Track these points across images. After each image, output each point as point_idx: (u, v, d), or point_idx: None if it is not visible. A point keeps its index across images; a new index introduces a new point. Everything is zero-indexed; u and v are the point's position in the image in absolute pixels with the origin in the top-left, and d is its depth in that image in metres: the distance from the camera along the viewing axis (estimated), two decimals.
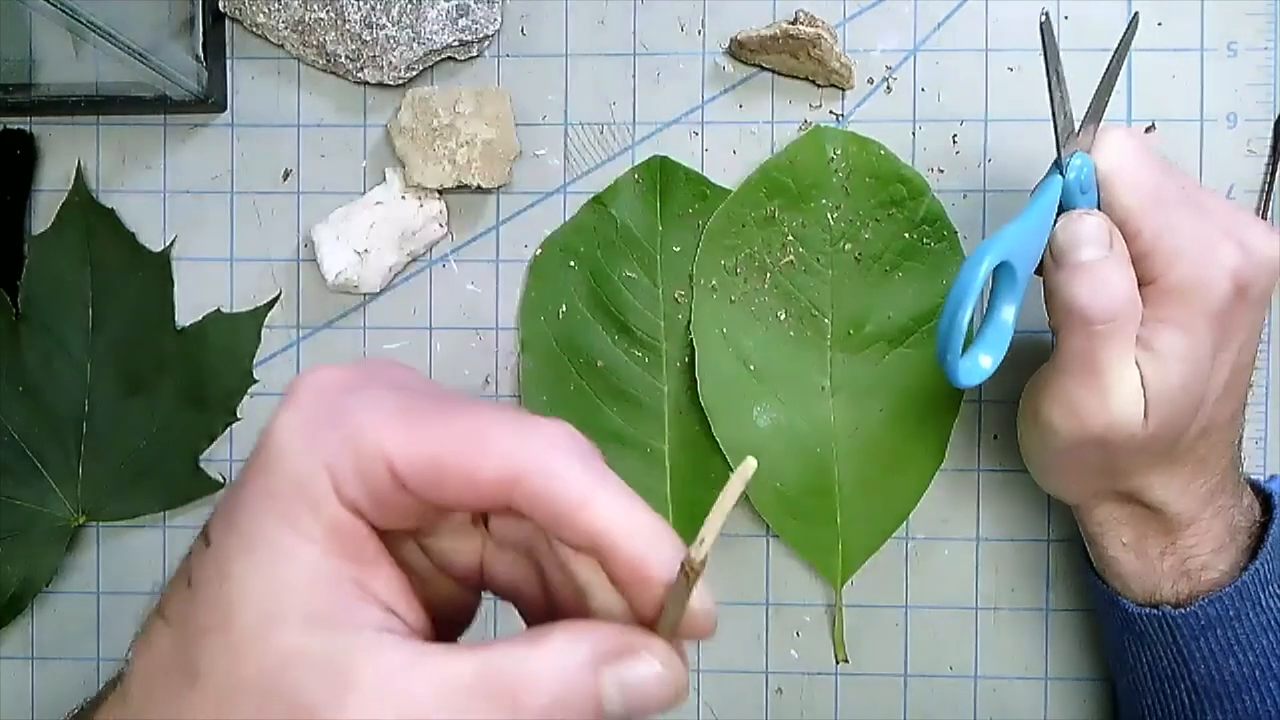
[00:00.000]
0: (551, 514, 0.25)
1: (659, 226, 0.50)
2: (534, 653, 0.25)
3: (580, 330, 0.50)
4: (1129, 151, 0.39)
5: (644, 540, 0.25)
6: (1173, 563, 0.42)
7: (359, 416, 0.26)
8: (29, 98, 0.51)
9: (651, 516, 0.26)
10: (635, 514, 0.26)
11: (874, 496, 0.49)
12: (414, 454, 0.25)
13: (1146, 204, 0.38)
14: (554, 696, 0.24)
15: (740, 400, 0.49)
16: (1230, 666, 0.41)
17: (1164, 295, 0.38)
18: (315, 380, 0.27)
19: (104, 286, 0.51)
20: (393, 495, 0.26)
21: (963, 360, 0.38)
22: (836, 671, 0.51)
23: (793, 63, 0.50)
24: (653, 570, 0.25)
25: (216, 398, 0.51)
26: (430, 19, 0.49)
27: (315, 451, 0.25)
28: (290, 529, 0.25)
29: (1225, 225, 0.39)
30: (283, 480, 0.25)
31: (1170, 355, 0.38)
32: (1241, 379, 0.41)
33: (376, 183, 0.51)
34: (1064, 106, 0.39)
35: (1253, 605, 0.41)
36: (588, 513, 0.25)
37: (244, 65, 0.52)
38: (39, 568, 0.51)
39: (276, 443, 0.26)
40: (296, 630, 0.24)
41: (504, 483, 0.25)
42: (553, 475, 0.25)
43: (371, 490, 0.26)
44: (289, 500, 0.25)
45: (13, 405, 0.51)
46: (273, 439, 0.26)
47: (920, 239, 0.49)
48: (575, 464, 0.26)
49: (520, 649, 0.25)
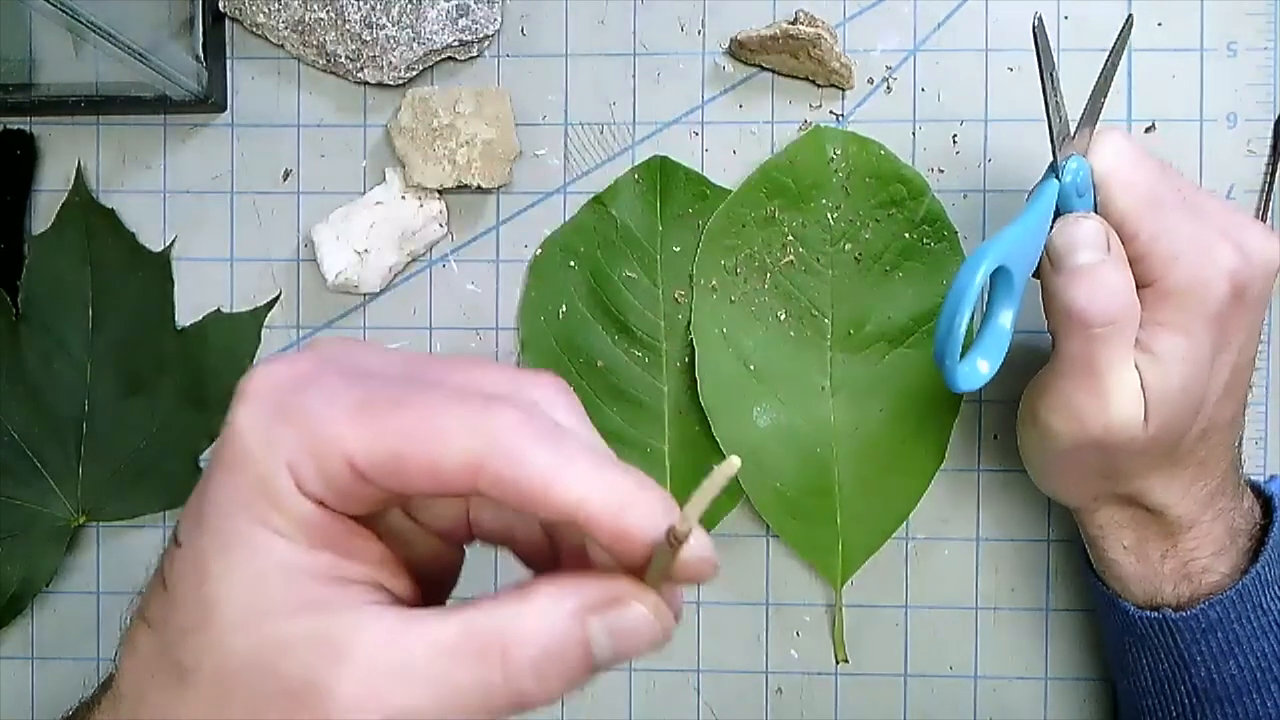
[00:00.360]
0: (519, 498, 0.25)
1: (659, 226, 0.50)
2: (521, 609, 0.25)
3: (580, 330, 0.50)
4: (1125, 154, 0.39)
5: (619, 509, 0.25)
6: (1174, 565, 0.42)
7: (314, 414, 0.26)
8: (29, 98, 0.51)
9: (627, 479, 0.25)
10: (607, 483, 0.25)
11: (874, 496, 0.49)
12: (373, 449, 0.25)
13: (1143, 206, 0.38)
14: (543, 649, 0.25)
15: (740, 400, 0.49)
16: (1231, 669, 0.41)
17: (1162, 298, 0.38)
18: (268, 375, 0.27)
19: (104, 286, 0.51)
20: (356, 488, 0.26)
21: (961, 365, 0.38)
22: (836, 671, 0.51)
23: (793, 63, 0.50)
24: (634, 536, 0.25)
25: (216, 398, 0.51)
26: (430, 19, 0.49)
27: (275, 449, 0.25)
28: (261, 526, 0.25)
29: (1222, 227, 0.39)
30: (247, 478, 0.26)
31: (1170, 357, 0.38)
32: (1241, 380, 0.41)
33: (376, 183, 0.51)
34: (1059, 109, 0.39)
35: (1253, 608, 0.41)
36: (557, 491, 0.25)
37: (244, 65, 0.52)
38: (39, 568, 0.51)
39: (238, 440, 0.26)
40: (283, 619, 0.25)
41: (467, 471, 0.25)
42: (515, 461, 0.25)
43: (334, 486, 0.26)
44: (256, 498, 0.26)
45: (13, 405, 0.51)
46: (233, 436, 0.26)
47: (920, 239, 0.49)
48: (539, 444, 0.25)
49: (507, 605, 0.25)
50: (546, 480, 0.25)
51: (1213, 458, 0.41)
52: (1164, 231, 0.38)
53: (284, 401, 0.26)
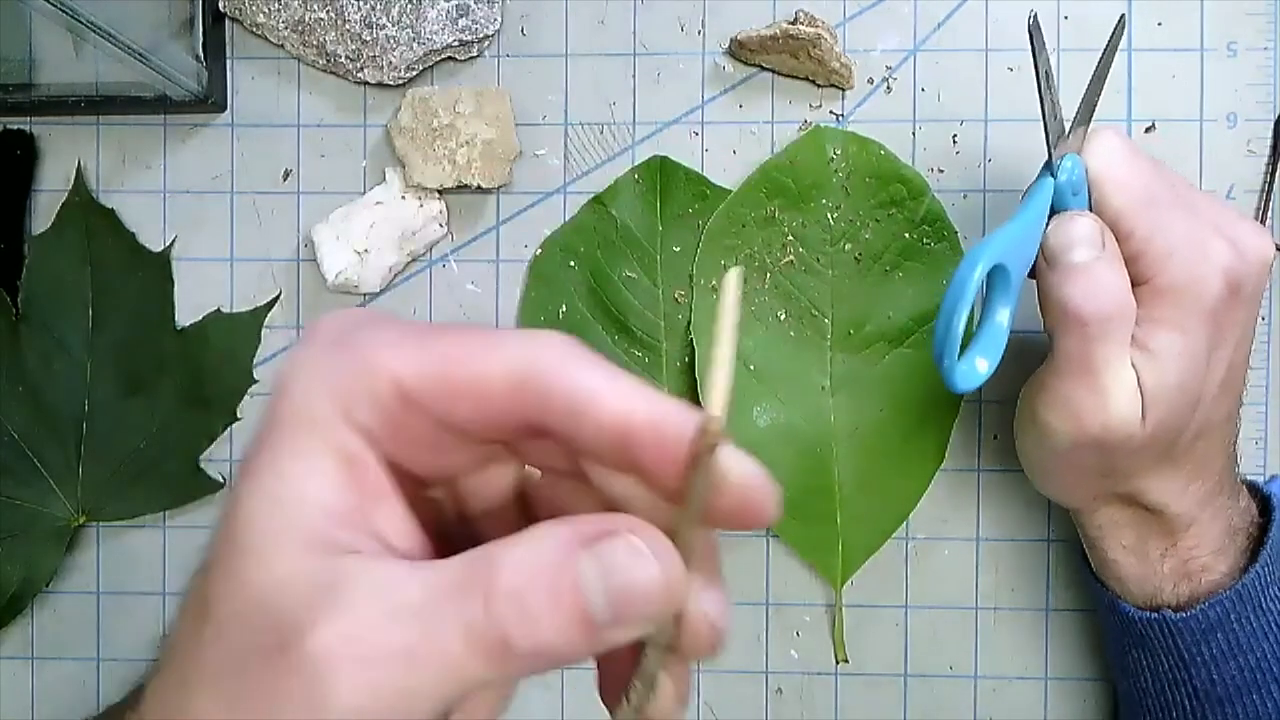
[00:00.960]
0: (566, 408, 0.24)
1: (659, 226, 0.50)
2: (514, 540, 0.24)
3: (580, 330, 0.50)
4: (1118, 152, 0.39)
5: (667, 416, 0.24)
6: (1173, 565, 0.42)
7: (366, 341, 0.26)
8: (29, 98, 0.51)
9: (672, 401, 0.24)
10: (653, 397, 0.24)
11: (874, 496, 0.49)
12: (421, 366, 0.25)
13: (1137, 204, 0.38)
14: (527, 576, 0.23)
15: (740, 400, 0.49)
16: (1231, 670, 0.41)
17: (1158, 295, 0.38)
18: (328, 319, 0.27)
19: (104, 286, 0.51)
20: (403, 415, 0.25)
21: (959, 364, 0.38)
22: (836, 671, 0.51)
23: (793, 63, 0.50)
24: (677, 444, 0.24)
25: (216, 398, 0.51)
26: (430, 19, 0.49)
27: (323, 379, 0.25)
28: (293, 456, 0.25)
29: (1215, 223, 0.39)
30: (289, 410, 0.25)
31: (1166, 354, 0.38)
32: (1236, 377, 0.41)
33: (376, 183, 0.51)
34: (1055, 108, 0.39)
35: (1254, 608, 0.41)
36: (603, 400, 0.24)
37: (244, 65, 0.52)
38: (39, 568, 0.51)
39: (287, 377, 0.26)
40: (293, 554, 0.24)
41: (513, 382, 0.24)
42: (562, 369, 0.24)
43: (381, 410, 0.25)
44: (294, 428, 0.25)
45: (13, 405, 0.51)
46: (284, 374, 0.26)
47: (920, 239, 0.49)
48: (584, 360, 0.25)
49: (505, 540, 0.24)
50: (593, 390, 0.24)
51: (1210, 455, 0.41)
52: (1158, 229, 0.38)
53: (337, 337, 0.26)
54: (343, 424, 0.25)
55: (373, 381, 0.25)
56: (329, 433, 0.25)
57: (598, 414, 0.24)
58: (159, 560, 0.52)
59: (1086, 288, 0.38)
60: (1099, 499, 0.43)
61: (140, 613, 0.52)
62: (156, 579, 0.52)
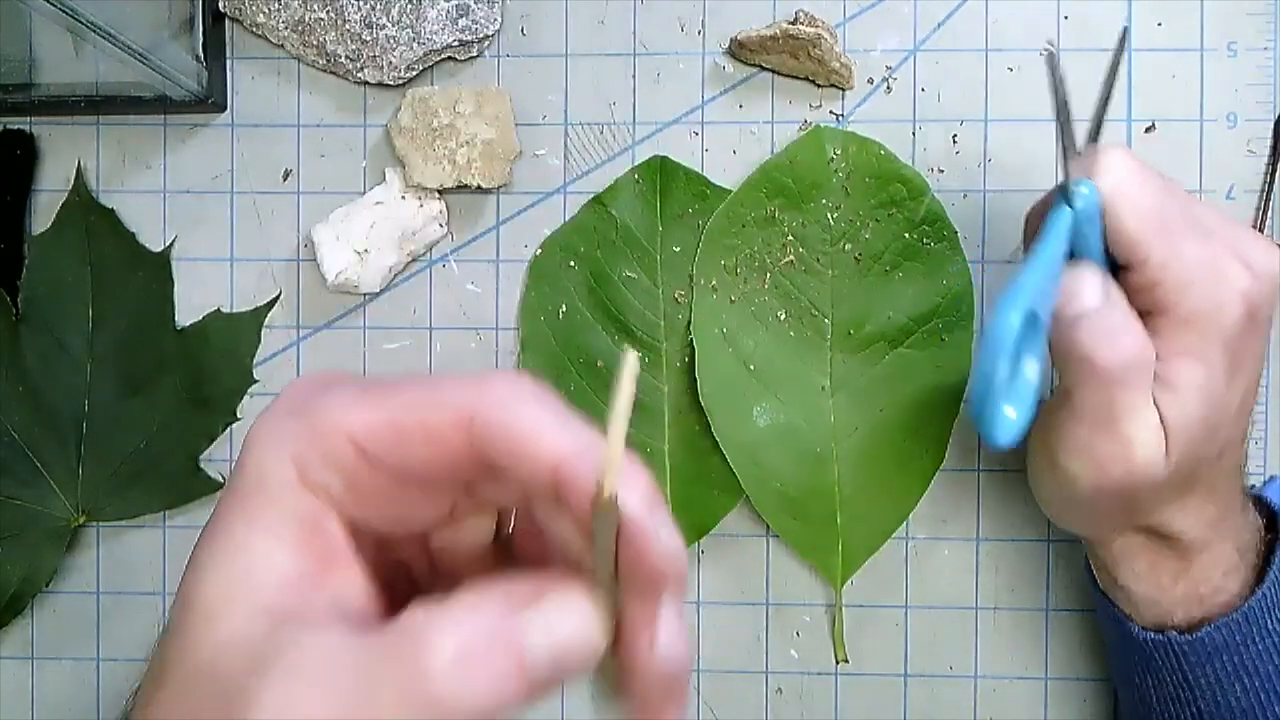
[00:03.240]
0: (506, 447, 0.25)
1: (659, 226, 0.50)
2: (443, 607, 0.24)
3: (580, 330, 0.50)
4: (1128, 172, 0.37)
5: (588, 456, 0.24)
6: (1186, 588, 0.41)
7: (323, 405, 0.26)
8: (29, 98, 0.51)
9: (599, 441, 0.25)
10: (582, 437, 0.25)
11: (874, 496, 0.49)
12: (374, 419, 0.26)
13: (1151, 230, 0.37)
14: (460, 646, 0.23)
15: (740, 400, 0.49)
16: (1236, 692, 0.41)
17: (1178, 326, 0.37)
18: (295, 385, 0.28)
19: (104, 286, 0.51)
20: (362, 471, 0.26)
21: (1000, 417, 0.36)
22: (836, 671, 0.51)
23: (793, 63, 0.50)
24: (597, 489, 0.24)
25: (216, 398, 0.51)
26: (430, 19, 0.49)
27: (281, 445, 0.26)
28: (248, 525, 0.26)
29: (1228, 244, 0.38)
30: (247, 478, 0.26)
31: (1188, 388, 0.37)
32: (1250, 399, 0.41)
33: (376, 183, 0.51)
34: (1071, 138, 0.38)
35: (1259, 630, 0.41)
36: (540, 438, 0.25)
37: (244, 65, 0.52)
38: (39, 568, 0.51)
39: (248, 446, 0.27)
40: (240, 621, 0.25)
41: (462, 424, 0.25)
42: (505, 408, 0.25)
43: (339, 469, 0.26)
44: (251, 496, 0.26)
45: (13, 405, 0.51)
46: (246, 443, 0.27)
47: (920, 239, 0.49)
48: (528, 399, 0.25)
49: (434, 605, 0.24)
50: (532, 431, 0.25)
51: (1224, 478, 0.41)
52: (1174, 256, 0.37)
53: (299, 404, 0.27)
54: (300, 489, 0.26)
55: (330, 442, 0.26)
56: (285, 499, 0.26)
57: (535, 452, 0.25)
58: (159, 560, 0.52)
59: (1097, 337, 0.36)
60: (1116, 531, 0.42)
61: (140, 613, 0.52)
62: (156, 579, 0.52)
